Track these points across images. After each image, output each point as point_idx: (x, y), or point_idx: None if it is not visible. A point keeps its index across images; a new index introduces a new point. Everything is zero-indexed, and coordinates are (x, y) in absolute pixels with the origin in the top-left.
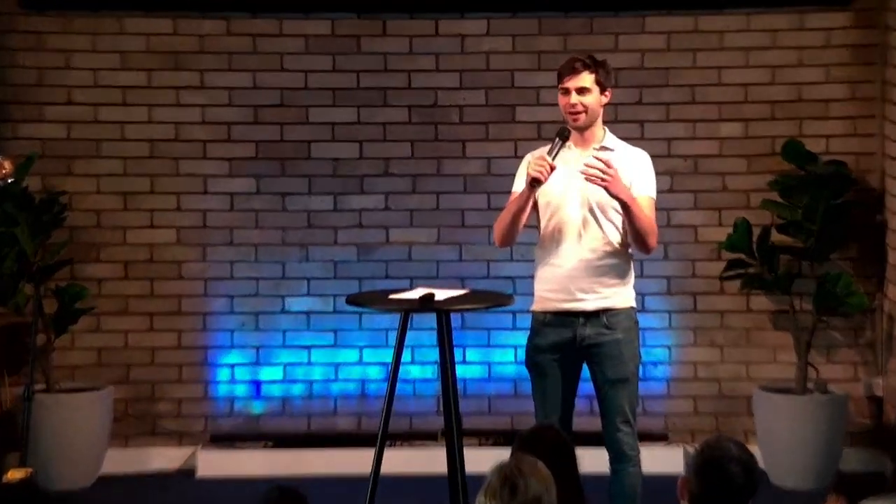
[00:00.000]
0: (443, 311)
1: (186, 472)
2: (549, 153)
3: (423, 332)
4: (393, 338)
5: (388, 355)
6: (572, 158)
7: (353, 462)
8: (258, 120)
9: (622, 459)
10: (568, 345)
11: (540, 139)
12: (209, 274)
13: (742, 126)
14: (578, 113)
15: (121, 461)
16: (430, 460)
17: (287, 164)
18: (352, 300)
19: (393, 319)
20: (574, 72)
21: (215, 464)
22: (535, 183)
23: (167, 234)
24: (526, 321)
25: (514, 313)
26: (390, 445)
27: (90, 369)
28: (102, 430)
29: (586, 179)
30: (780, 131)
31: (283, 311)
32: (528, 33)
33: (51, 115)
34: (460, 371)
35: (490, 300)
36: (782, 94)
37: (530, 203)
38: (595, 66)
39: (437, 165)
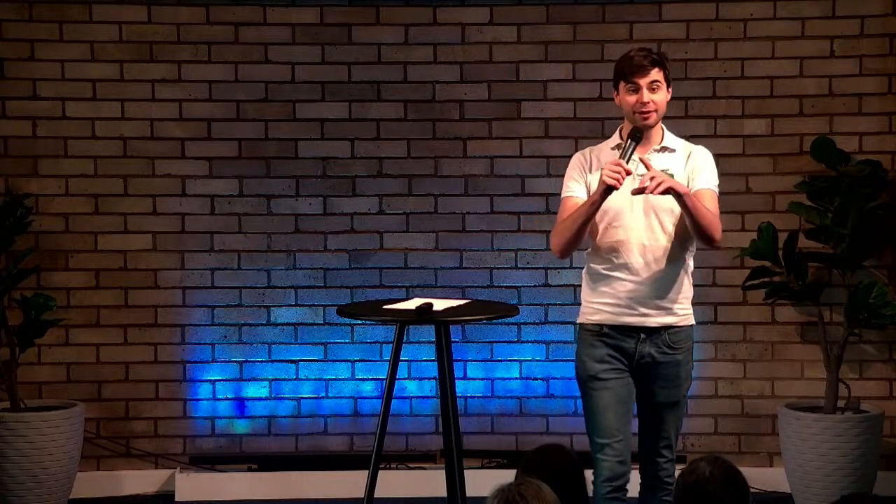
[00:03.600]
0: (442, 323)
1: (163, 497)
2: (622, 156)
3: (421, 345)
4: (387, 351)
5: (382, 370)
6: (633, 162)
7: (345, 485)
8: (241, 116)
9: (658, 487)
10: (628, 357)
11: (547, 137)
12: (188, 283)
13: (767, 123)
14: (650, 112)
15: (93, 484)
16: (428, 483)
17: (272, 163)
18: (343, 311)
19: (388, 332)
20: (644, 70)
21: (195, 488)
22: (610, 190)
23: (142, 239)
24: (531, 334)
25: (518, 325)
26: (385, 467)
27: (59, 386)
28: (73, 452)
29: (635, 193)
30: (809, 128)
31: (269, 323)
32: (534, 22)
33: (14, 110)
34: (461, 387)
35: (493, 311)
36: (812, 88)
37: (597, 211)
38: (662, 60)
39: (436, 165)
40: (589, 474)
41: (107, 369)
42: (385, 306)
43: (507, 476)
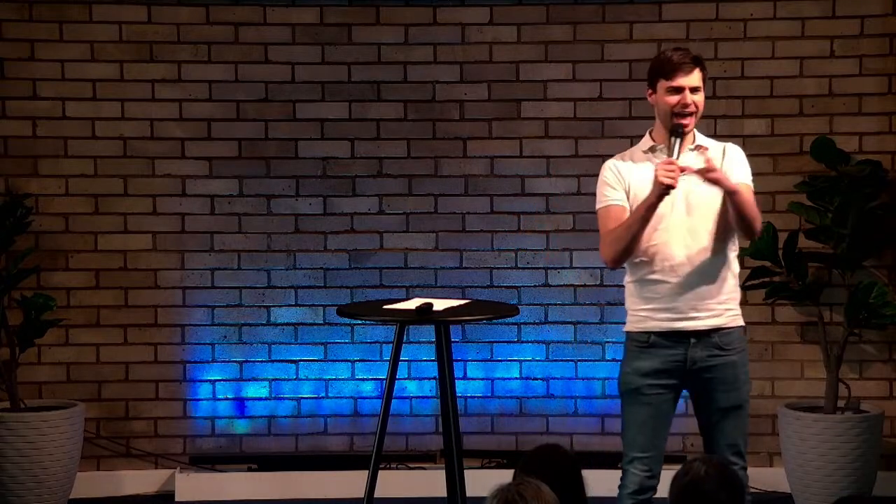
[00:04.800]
0: (441, 323)
1: (163, 497)
2: (670, 154)
3: (421, 345)
4: (387, 351)
5: (382, 370)
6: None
7: (345, 485)
8: (240, 116)
9: None
10: (677, 369)
11: (547, 136)
12: (188, 283)
13: (767, 123)
14: (692, 113)
15: (93, 484)
16: (428, 483)
17: (272, 163)
18: (343, 311)
19: (388, 332)
20: (687, 69)
21: (195, 488)
22: (668, 190)
23: (142, 239)
24: (531, 333)
25: (518, 325)
26: (385, 467)
27: (59, 386)
28: (73, 452)
29: (705, 180)
30: (809, 128)
31: (269, 323)
32: (534, 22)
33: (14, 110)
34: (461, 387)
35: (493, 311)
36: (812, 88)
37: (654, 213)
38: (702, 62)
39: (436, 165)
40: (588, 474)
41: (107, 369)
42: (385, 306)
43: (507, 476)
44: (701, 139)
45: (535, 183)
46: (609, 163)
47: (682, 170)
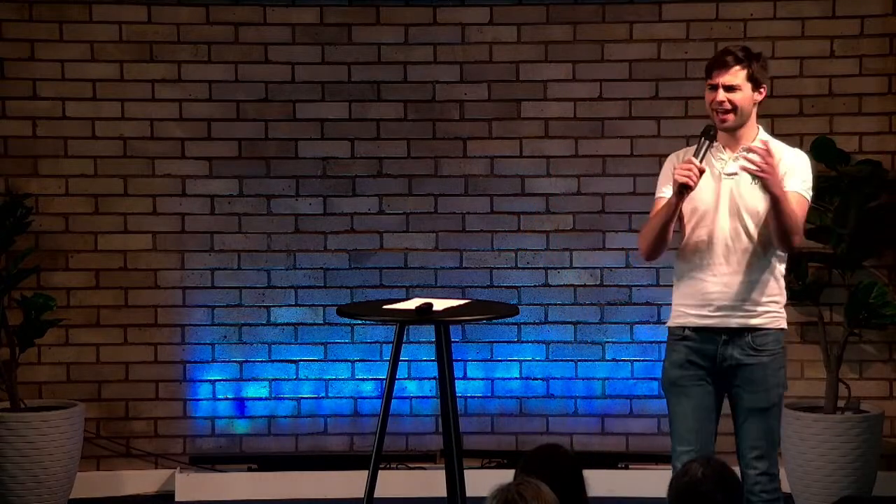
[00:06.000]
0: (441, 323)
1: (163, 497)
2: (696, 154)
3: (421, 345)
4: (387, 351)
5: (382, 370)
6: (721, 162)
7: (345, 485)
8: (240, 116)
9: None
10: (708, 363)
11: (547, 136)
12: (188, 283)
13: (767, 123)
14: (726, 112)
15: (93, 484)
16: (428, 483)
17: (272, 163)
18: (343, 311)
19: (388, 332)
20: (724, 66)
21: (195, 488)
22: (683, 189)
23: (142, 239)
24: (531, 333)
25: (518, 325)
26: (385, 467)
27: (59, 386)
28: (73, 452)
29: (742, 169)
30: (809, 128)
31: (269, 323)
32: (534, 22)
33: (14, 110)
34: (460, 387)
35: (493, 311)
36: (811, 88)
37: (677, 212)
38: (749, 59)
39: (436, 165)
40: (588, 474)
41: (107, 369)
42: (385, 306)
43: (507, 476)
44: (773, 143)
45: (535, 183)
46: (672, 156)
47: (702, 171)
